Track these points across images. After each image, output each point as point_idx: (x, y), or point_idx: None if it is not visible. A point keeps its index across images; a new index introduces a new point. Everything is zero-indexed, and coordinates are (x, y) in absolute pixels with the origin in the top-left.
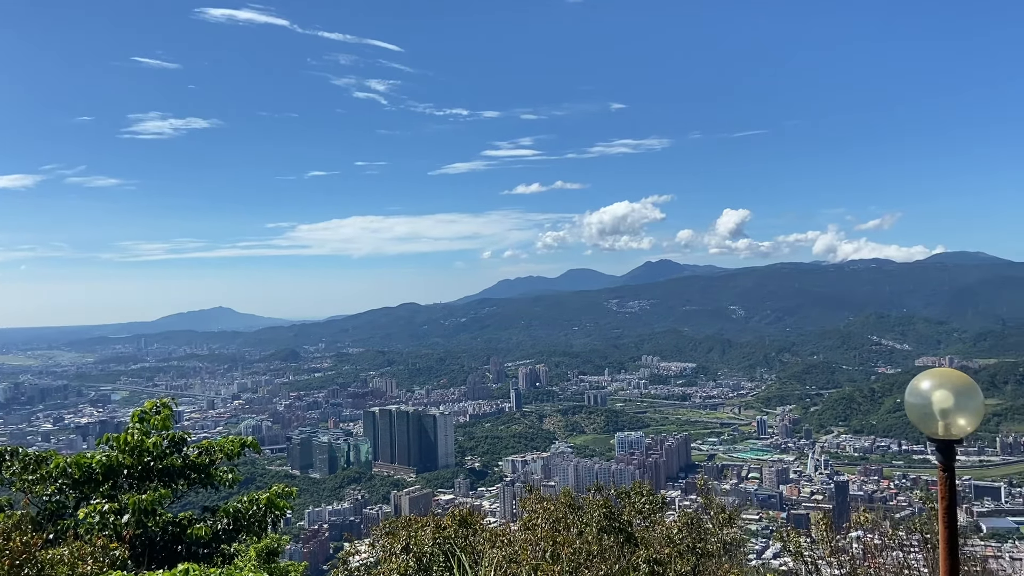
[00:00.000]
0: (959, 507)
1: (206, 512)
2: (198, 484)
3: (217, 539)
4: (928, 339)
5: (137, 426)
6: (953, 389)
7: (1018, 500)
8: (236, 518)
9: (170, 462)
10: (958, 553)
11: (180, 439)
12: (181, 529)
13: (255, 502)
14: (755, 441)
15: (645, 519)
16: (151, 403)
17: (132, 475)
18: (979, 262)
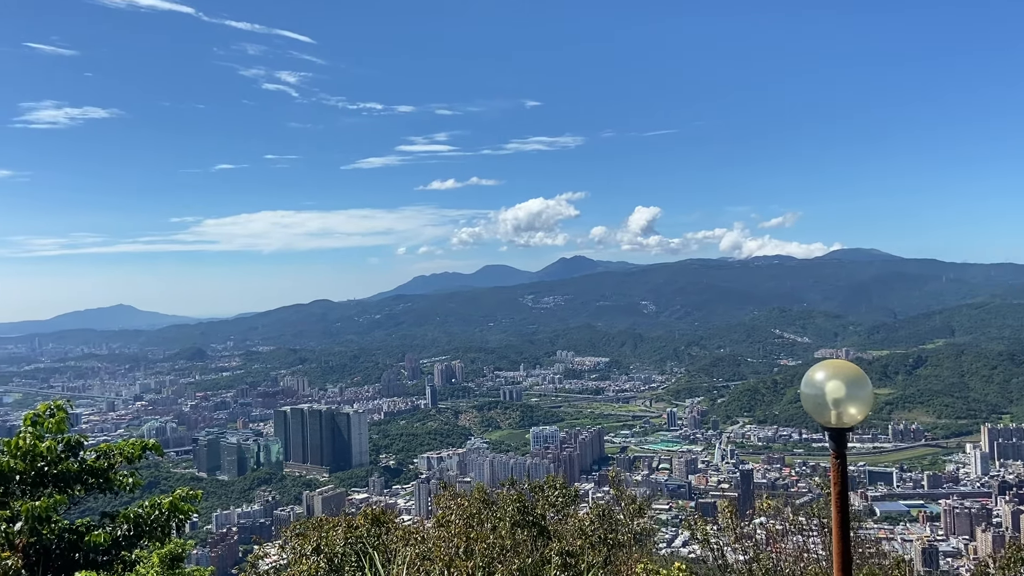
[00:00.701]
0: (854, 492)
1: (105, 518)
2: (96, 489)
3: (117, 546)
4: (826, 332)
5: (30, 430)
6: (845, 380)
7: (909, 484)
8: (137, 523)
9: (66, 467)
10: (850, 535)
11: (77, 443)
12: (78, 536)
13: (157, 506)
14: (666, 433)
15: (558, 512)
16: (45, 405)
17: (25, 481)
18: (873, 259)
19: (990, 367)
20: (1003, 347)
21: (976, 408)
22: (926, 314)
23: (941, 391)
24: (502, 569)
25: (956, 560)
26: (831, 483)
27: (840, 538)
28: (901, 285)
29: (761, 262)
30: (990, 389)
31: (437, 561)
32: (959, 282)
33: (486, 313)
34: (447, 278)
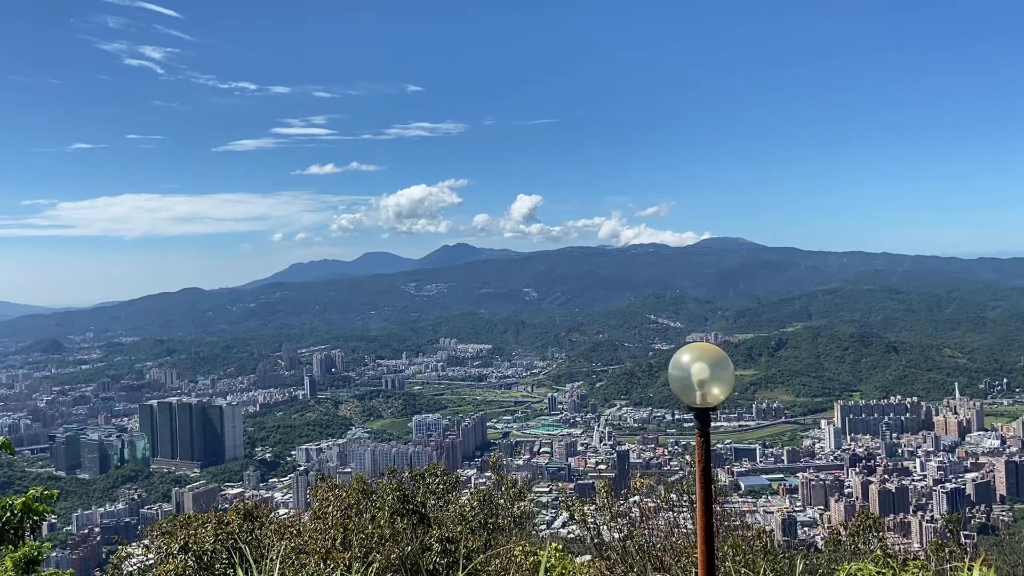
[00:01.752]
0: (721, 468)
1: None
2: None
3: None
4: (697, 317)
5: None
6: (709, 361)
7: (770, 459)
8: None
9: None
10: (712, 510)
11: None
12: None
13: (8, 508)
14: (547, 417)
15: (439, 499)
16: None
17: None
18: (740, 247)
19: (843, 348)
20: (854, 329)
21: (830, 387)
22: (787, 299)
23: (800, 371)
24: (380, 559)
25: (812, 529)
26: (696, 460)
27: (704, 512)
28: (764, 272)
29: (638, 250)
30: (842, 369)
31: (313, 554)
32: (815, 269)
33: (367, 301)
34: (326, 265)
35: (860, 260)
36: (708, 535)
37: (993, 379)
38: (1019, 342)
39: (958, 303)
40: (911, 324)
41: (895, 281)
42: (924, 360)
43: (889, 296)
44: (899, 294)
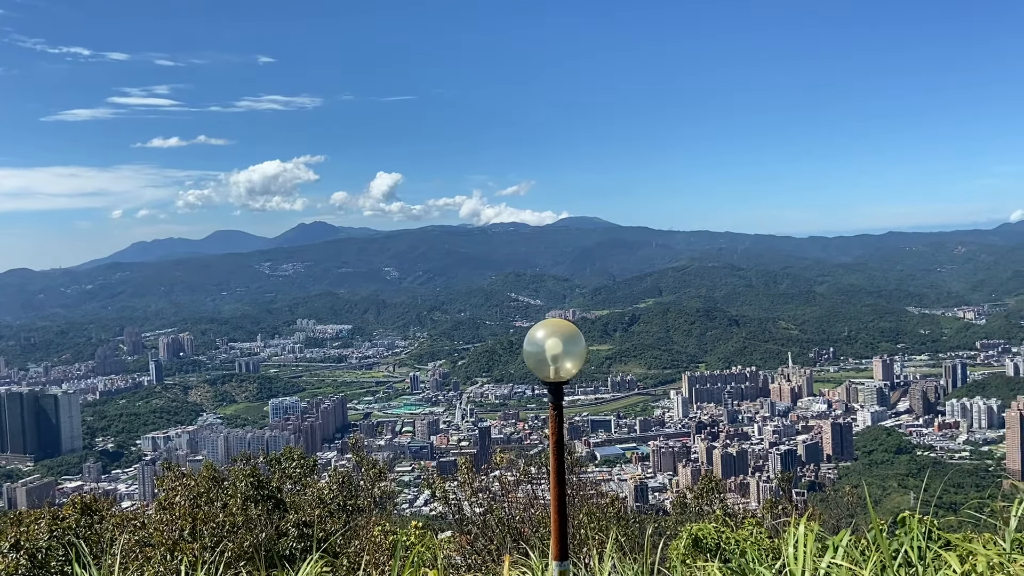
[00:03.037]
0: (579, 440)
1: None
2: None
3: None
4: (556, 295)
5: None
6: (562, 337)
7: (624, 430)
8: None
9: None
10: (565, 480)
11: None
12: None
13: None
14: (409, 397)
15: (296, 483)
16: None
17: None
18: (596, 226)
19: (690, 322)
20: (700, 304)
21: (679, 359)
22: (639, 276)
23: (651, 345)
24: (232, 547)
25: (662, 494)
26: (550, 432)
27: (556, 483)
28: (619, 251)
29: (498, 229)
30: (690, 342)
31: (159, 546)
32: (666, 247)
33: (219, 282)
34: (172, 244)
35: (706, 239)
36: (561, 504)
37: (821, 348)
38: (843, 314)
39: (791, 279)
40: (751, 299)
41: (736, 258)
42: (762, 332)
43: (731, 273)
44: (740, 271)
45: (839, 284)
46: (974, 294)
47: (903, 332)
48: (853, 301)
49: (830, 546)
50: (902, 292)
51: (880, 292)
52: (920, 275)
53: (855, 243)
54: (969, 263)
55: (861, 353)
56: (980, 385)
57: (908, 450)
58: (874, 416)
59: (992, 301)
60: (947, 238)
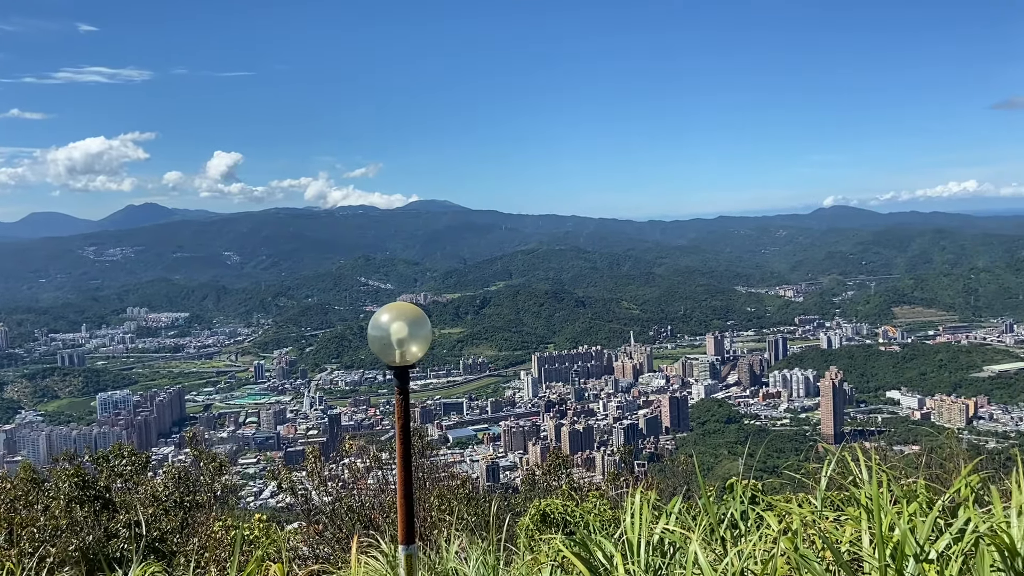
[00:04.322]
0: (431, 423)
1: None
2: None
3: None
4: (407, 278)
5: None
6: (407, 320)
7: (476, 411)
8: None
9: None
10: (411, 464)
11: None
12: None
13: None
14: (253, 386)
15: (127, 481)
16: None
17: None
18: (446, 210)
19: (539, 304)
20: (548, 287)
21: (528, 340)
22: (490, 260)
23: (502, 327)
24: (55, 552)
25: (513, 472)
26: (395, 417)
27: (403, 467)
28: (470, 234)
29: (346, 212)
30: (539, 323)
31: None
32: (515, 231)
33: (36, 268)
34: None
35: (553, 222)
36: (407, 489)
37: (660, 327)
38: (680, 294)
39: (633, 261)
40: (596, 280)
41: (582, 242)
42: (606, 312)
43: (578, 255)
44: (586, 253)
45: (676, 265)
46: (793, 274)
47: (732, 310)
48: (688, 281)
49: (664, 513)
50: (731, 272)
51: (712, 273)
52: (747, 256)
53: (690, 227)
54: (789, 245)
55: (696, 330)
56: (799, 357)
57: (737, 419)
58: (707, 389)
59: (808, 280)
60: (770, 222)
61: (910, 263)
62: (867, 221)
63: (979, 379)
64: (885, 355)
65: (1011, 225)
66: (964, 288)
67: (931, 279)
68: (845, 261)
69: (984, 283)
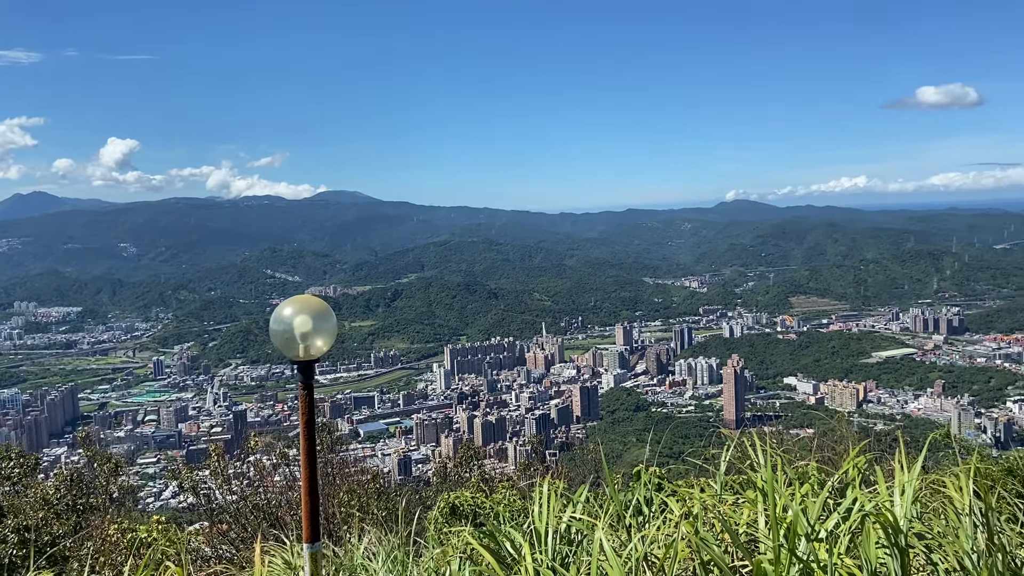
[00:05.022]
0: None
1: None
2: None
3: None
4: (316, 271)
5: None
6: (312, 314)
7: (388, 405)
8: None
9: None
10: (316, 460)
11: None
12: None
13: None
14: (152, 383)
15: (15, 485)
16: None
17: None
18: (356, 200)
19: (451, 296)
20: (460, 279)
21: (441, 332)
22: (401, 252)
23: (414, 319)
24: None
25: (425, 465)
26: (300, 413)
27: (308, 463)
28: (380, 225)
29: (251, 202)
30: (451, 315)
31: None
32: (427, 223)
33: None
34: None
35: (465, 214)
36: (312, 485)
37: (571, 318)
38: (590, 285)
39: (545, 253)
40: (508, 272)
41: (494, 234)
42: (518, 304)
43: (490, 247)
44: (498, 245)
45: (587, 257)
46: (698, 265)
47: (641, 301)
48: (599, 273)
49: (571, 502)
50: (640, 264)
51: (622, 264)
52: (654, 248)
53: (600, 219)
54: (694, 238)
55: (606, 321)
56: (703, 346)
57: (645, 407)
58: (616, 378)
59: (712, 272)
60: (676, 215)
61: (806, 255)
62: (766, 215)
63: (868, 365)
64: (783, 343)
65: (898, 219)
66: (855, 279)
67: (825, 270)
68: (746, 253)
69: (873, 274)
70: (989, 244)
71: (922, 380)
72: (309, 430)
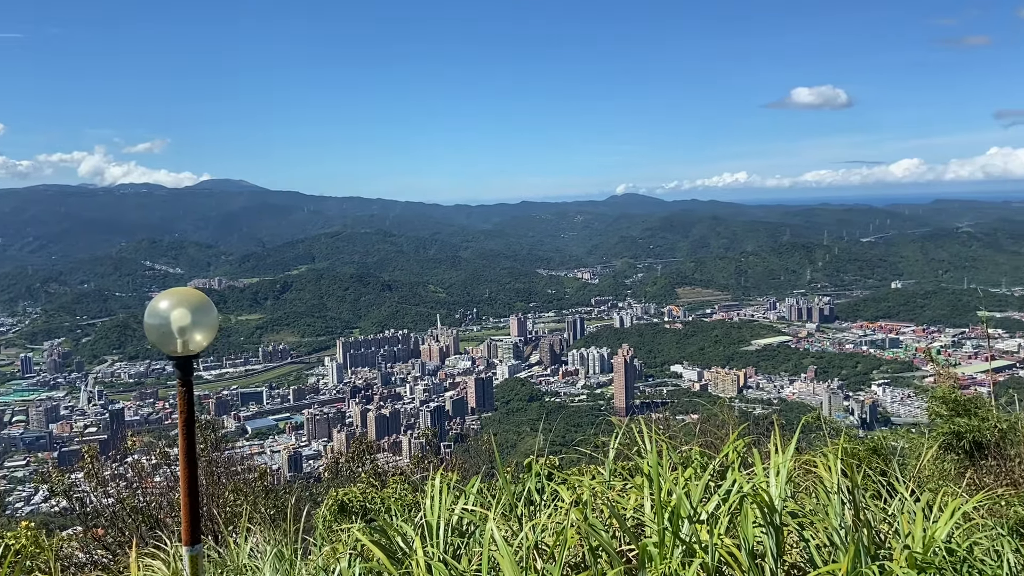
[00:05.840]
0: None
1: None
2: None
3: None
4: (200, 262)
5: None
6: (190, 307)
7: (277, 400)
8: None
9: None
10: (196, 460)
11: None
12: None
13: None
14: (20, 382)
15: None
16: None
17: None
18: (242, 189)
19: (344, 288)
20: (353, 270)
21: (333, 325)
22: (291, 243)
23: (305, 312)
24: None
25: (317, 461)
26: (178, 411)
27: (187, 463)
28: (268, 216)
29: (128, 190)
30: (344, 307)
31: None
32: (318, 213)
33: None
34: None
35: (358, 205)
36: (192, 486)
37: (466, 309)
38: (485, 277)
39: (439, 244)
40: (402, 264)
41: (388, 225)
42: (413, 296)
43: (383, 239)
44: (392, 237)
45: (481, 249)
46: (590, 257)
47: (535, 292)
48: (493, 265)
49: (464, 494)
50: (534, 256)
51: (516, 256)
52: (548, 241)
53: (495, 211)
54: (586, 230)
55: (500, 312)
56: (595, 336)
57: (539, 397)
58: (511, 369)
59: (603, 263)
60: (569, 208)
61: (691, 247)
62: (654, 208)
63: (748, 352)
64: (670, 332)
65: (775, 213)
66: (736, 270)
67: (709, 262)
68: (635, 245)
69: (752, 265)
70: (856, 237)
71: (796, 366)
72: (189, 428)
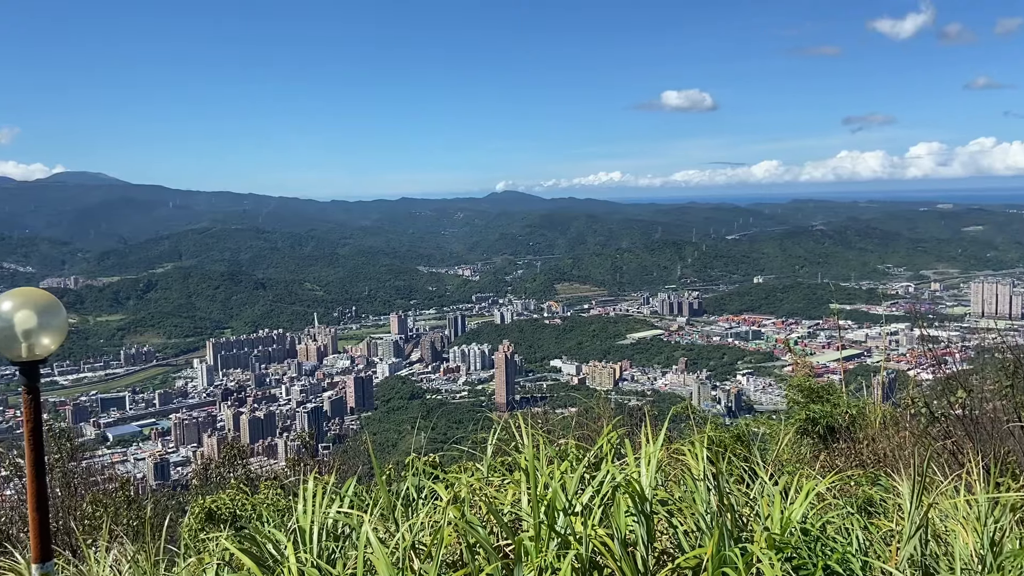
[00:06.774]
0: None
1: None
2: None
3: None
4: (53, 260)
5: None
6: (36, 309)
7: (142, 405)
8: None
9: None
10: (45, 471)
11: None
12: None
13: None
14: None
15: None
16: None
17: None
18: (100, 183)
19: (214, 287)
20: (224, 268)
21: (202, 325)
22: (155, 239)
23: (171, 312)
24: None
25: (186, 467)
26: (24, 419)
27: (35, 476)
28: (130, 210)
29: None
30: (214, 307)
31: None
32: (185, 208)
33: None
34: None
35: (229, 200)
36: (40, 499)
37: (345, 308)
38: (364, 274)
39: (316, 241)
40: (276, 261)
41: (261, 221)
42: (288, 294)
43: (256, 235)
44: (265, 233)
45: (360, 246)
46: (470, 254)
47: (415, 289)
48: (373, 262)
49: (339, 497)
50: (414, 253)
51: (396, 253)
52: (429, 237)
53: (373, 207)
54: (466, 227)
55: (380, 310)
56: (476, 333)
57: (420, 395)
58: (392, 367)
59: (484, 260)
60: (449, 204)
61: (569, 244)
62: (533, 205)
63: (624, 346)
64: (549, 328)
65: (648, 211)
66: (612, 267)
67: (586, 259)
68: (515, 242)
69: (627, 262)
70: (723, 235)
71: (669, 358)
72: (36, 437)
